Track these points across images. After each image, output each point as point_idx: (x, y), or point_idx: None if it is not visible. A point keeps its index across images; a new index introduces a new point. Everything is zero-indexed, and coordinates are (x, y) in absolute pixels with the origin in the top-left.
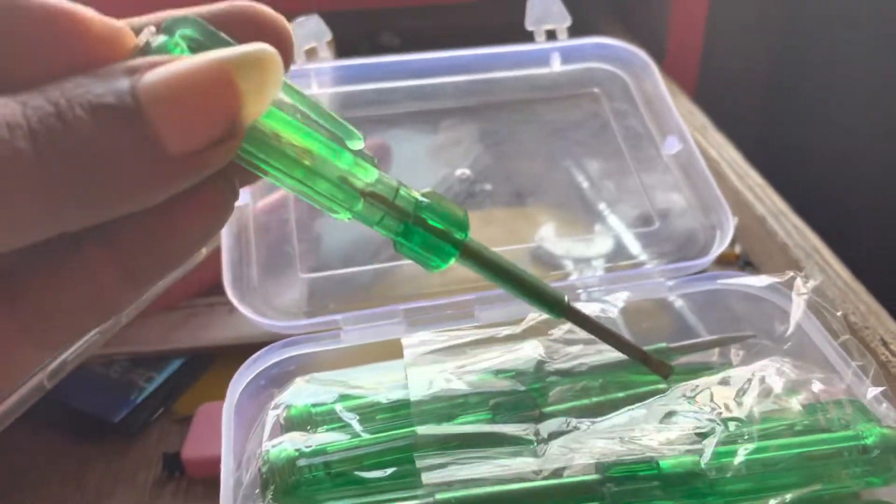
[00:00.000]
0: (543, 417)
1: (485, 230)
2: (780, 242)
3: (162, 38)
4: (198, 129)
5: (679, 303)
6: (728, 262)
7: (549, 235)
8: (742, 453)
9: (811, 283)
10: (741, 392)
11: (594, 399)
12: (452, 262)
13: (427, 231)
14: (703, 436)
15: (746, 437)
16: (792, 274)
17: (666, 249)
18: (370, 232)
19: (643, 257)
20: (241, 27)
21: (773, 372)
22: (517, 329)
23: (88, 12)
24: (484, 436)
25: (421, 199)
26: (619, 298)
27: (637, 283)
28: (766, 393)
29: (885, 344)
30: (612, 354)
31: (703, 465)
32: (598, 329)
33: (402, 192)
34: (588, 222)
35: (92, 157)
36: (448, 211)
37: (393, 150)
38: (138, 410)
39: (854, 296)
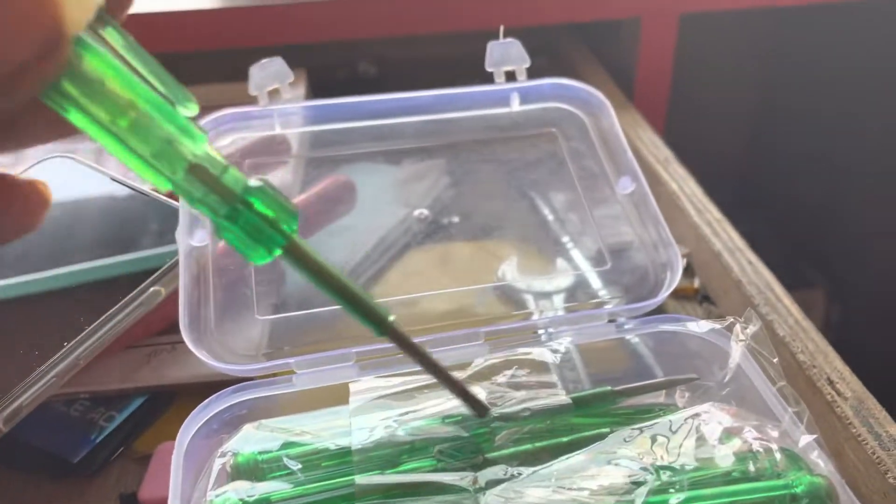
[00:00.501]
0: (486, 464)
1: (446, 266)
2: (735, 279)
3: None
4: (16, 35)
5: (635, 339)
6: (687, 296)
7: (510, 271)
8: (673, 503)
9: (750, 329)
10: (677, 439)
11: (536, 444)
12: (277, 254)
13: (253, 216)
14: (637, 484)
15: (678, 486)
16: (731, 320)
17: (620, 287)
18: (345, 251)
19: (601, 293)
20: None
21: (710, 419)
22: (463, 374)
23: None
24: (423, 484)
25: (251, 183)
26: (569, 341)
27: (587, 326)
28: (701, 440)
29: (831, 383)
30: (555, 399)
31: None
32: (418, 356)
33: (232, 171)
34: (548, 259)
35: None
36: (278, 200)
37: (357, 187)
38: (98, 450)
39: (804, 334)
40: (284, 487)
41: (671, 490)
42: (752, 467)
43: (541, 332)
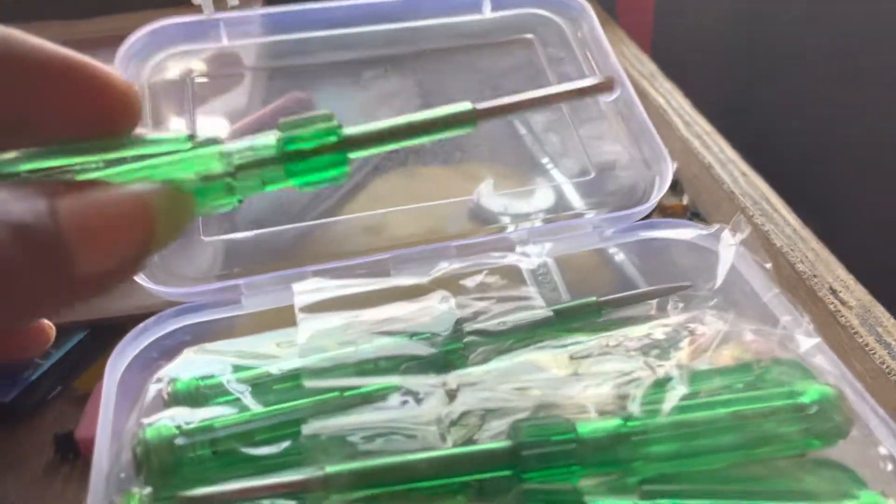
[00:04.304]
0: (454, 367)
1: (418, 188)
2: (727, 190)
3: None
4: (110, 257)
5: (620, 256)
6: (675, 213)
7: (486, 191)
8: (669, 412)
9: (739, 235)
10: (671, 345)
11: (516, 360)
12: (348, 161)
13: (308, 156)
14: (625, 396)
15: (674, 393)
16: (719, 226)
17: (605, 200)
18: (291, 192)
19: (583, 209)
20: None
21: (706, 325)
22: (426, 279)
23: (106, 69)
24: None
25: (280, 136)
26: (553, 250)
27: (571, 235)
28: (697, 347)
29: (833, 292)
30: (536, 311)
31: (626, 428)
32: (524, 103)
33: (258, 144)
34: (526, 175)
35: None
36: (306, 120)
37: (315, 103)
38: (32, 389)
39: (803, 243)
40: (229, 412)
41: (666, 399)
42: (754, 376)
43: (517, 245)
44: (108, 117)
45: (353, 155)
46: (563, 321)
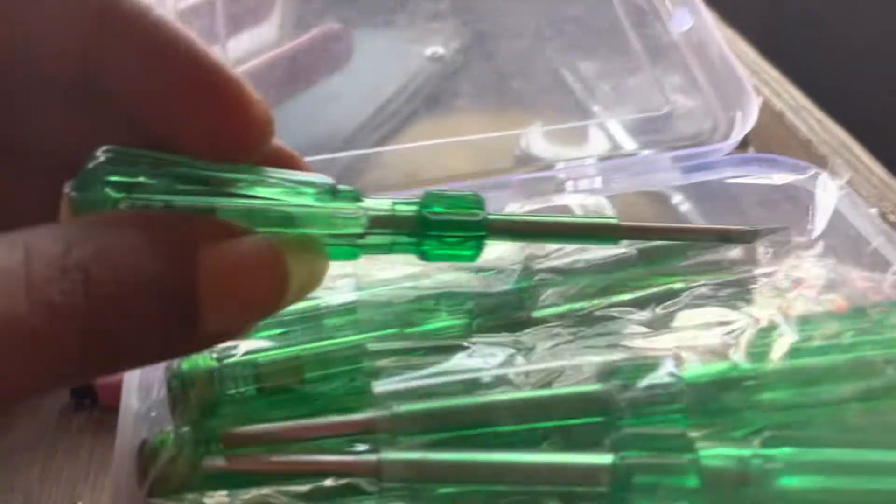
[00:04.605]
0: (531, 323)
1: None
2: (803, 139)
3: None
4: (238, 320)
5: (685, 206)
6: None
7: (535, 132)
8: (780, 358)
9: (839, 180)
10: (772, 293)
11: (594, 302)
12: (484, 244)
13: (444, 227)
14: (727, 346)
15: (784, 339)
16: (815, 170)
17: (675, 142)
18: (340, 115)
19: (651, 147)
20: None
21: (810, 269)
22: None
23: (250, 89)
24: (453, 348)
25: (421, 198)
26: (616, 190)
27: (638, 173)
28: (801, 294)
29: None
30: (612, 251)
31: (737, 371)
32: (667, 231)
33: (398, 207)
34: (582, 113)
35: (126, 327)
36: (453, 197)
37: (353, 34)
38: None
39: (893, 193)
40: (274, 346)
41: (775, 346)
42: (868, 322)
43: (584, 180)
44: (244, 142)
45: (489, 241)
46: (647, 261)
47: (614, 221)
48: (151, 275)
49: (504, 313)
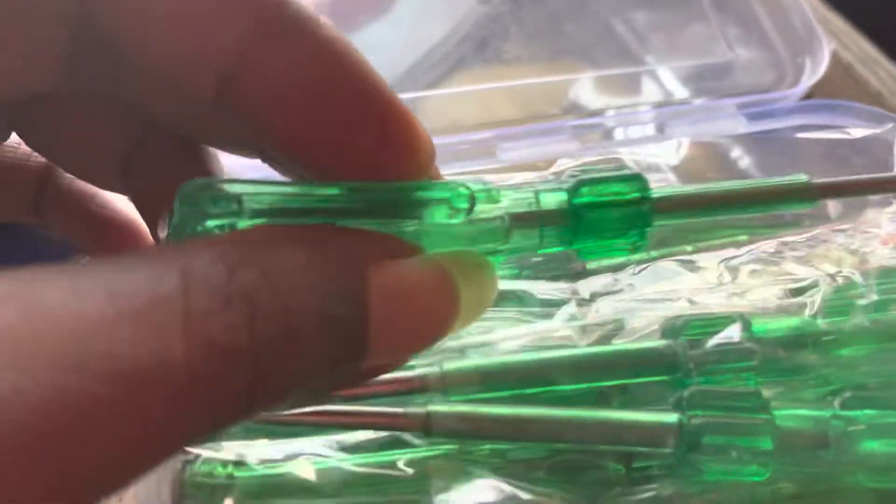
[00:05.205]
0: (585, 274)
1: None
2: (874, 91)
3: None
4: (409, 346)
5: (745, 161)
6: None
7: (585, 80)
8: (859, 310)
9: None
10: (848, 248)
11: (652, 254)
12: (648, 232)
13: (600, 220)
14: (802, 305)
15: (862, 293)
16: (894, 122)
17: (739, 89)
18: (383, 63)
19: (713, 94)
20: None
21: (883, 228)
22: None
23: (420, 125)
24: (505, 294)
25: (571, 185)
26: (671, 138)
27: (698, 121)
28: (879, 250)
29: None
30: None
31: (812, 326)
32: (863, 184)
33: (543, 198)
34: (637, 59)
35: (297, 366)
36: (608, 180)
37: None
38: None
39: None
40: None
41: (852, 299)
42: None
43: (636, 126)
44: (405, 178)
45: (655, 224)
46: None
47: (804, 179)
48: (322, 301)
49: (559, 261)
